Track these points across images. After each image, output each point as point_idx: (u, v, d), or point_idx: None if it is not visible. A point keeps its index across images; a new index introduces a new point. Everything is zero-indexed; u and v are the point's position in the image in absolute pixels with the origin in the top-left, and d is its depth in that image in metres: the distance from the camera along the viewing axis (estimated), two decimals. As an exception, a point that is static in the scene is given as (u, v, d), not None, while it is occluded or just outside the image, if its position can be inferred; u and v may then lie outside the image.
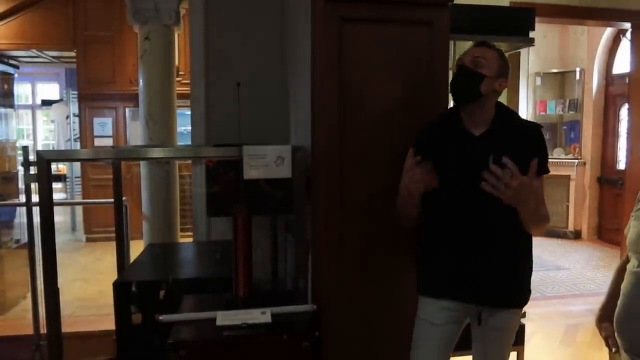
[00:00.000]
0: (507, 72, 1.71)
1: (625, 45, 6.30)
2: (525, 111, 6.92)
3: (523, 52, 2.87)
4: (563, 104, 7.08)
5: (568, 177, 6.91)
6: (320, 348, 1.79)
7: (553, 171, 8.12)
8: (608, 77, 6.77)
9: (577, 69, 6.88)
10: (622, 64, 6.42)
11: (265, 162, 2.04)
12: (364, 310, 1.94)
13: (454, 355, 1.79)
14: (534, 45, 2.46)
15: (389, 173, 1.85)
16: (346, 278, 1.96)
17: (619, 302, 1.49)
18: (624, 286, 1.48)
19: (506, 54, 3.00)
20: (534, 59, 6.90)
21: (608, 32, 6.50)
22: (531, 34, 2.59)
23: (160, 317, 1.79)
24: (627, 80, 6.01)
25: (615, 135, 6.66)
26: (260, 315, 1.75)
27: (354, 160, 1.92)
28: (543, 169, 1.64)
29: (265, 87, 2.78)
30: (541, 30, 6.83)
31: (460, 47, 2.52)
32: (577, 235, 6.89)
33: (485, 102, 1.67)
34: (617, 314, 1.49)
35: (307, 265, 2.22)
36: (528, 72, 3.20)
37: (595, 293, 4.59)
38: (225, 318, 1.73)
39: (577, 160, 6.85)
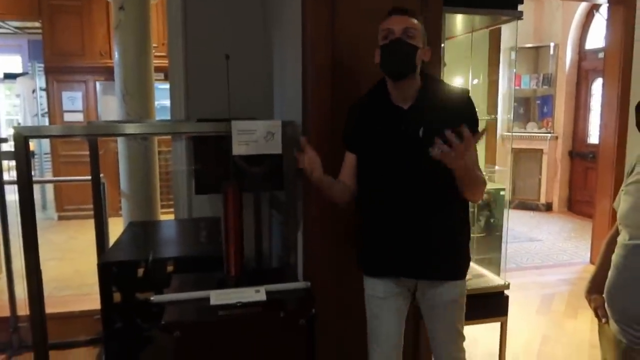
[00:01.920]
0: (427, 40, 1.65)
1: (598, 20, 6.39)
2: (501, 86, 6.98)
3: (505, 27, 2.86)
4: (537, 78, 7.17)
5: (541, 151, 7.05)
6: (314, 325, 1.79)
7: (526, 145, 8.11)
8: (581, 52, 6.87)
9: (551, 44, 6.95)
10: (595, 39, 6.52)
11: (255, 138, 1.99)
12: (355, 285, 1.94)
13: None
14: (522, 18, 2.44)
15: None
16: (337, 254, 1.95)
17: (609, 274, 1.52)
18: (614, 259, 1.51)
19: (489, 29, 3.01)
20: (510, 33, 6.93)
21: (582, 7, 6.56)
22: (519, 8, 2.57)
23: (152, 298, 1.75)
24: (599, 56, 6.11)
25: (587, 109, 6.80)
26: (254, 294, 1.73)
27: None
28: (474, 134, 1.57)
29: (247, 60, 2.70)
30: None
31: (449, 20, 2.49)
32: (548, 208, 7.07)
33: (416, 75, 1.62)
34: (607, 286, 1.52)
35: (296, 242, 2.21)
36: (516, 46, 3.18)
37: (568, 263, 4.74)
38: (219, 297, 1.71)
39: (549, 135, 6.98)
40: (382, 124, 1.64)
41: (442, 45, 2.13)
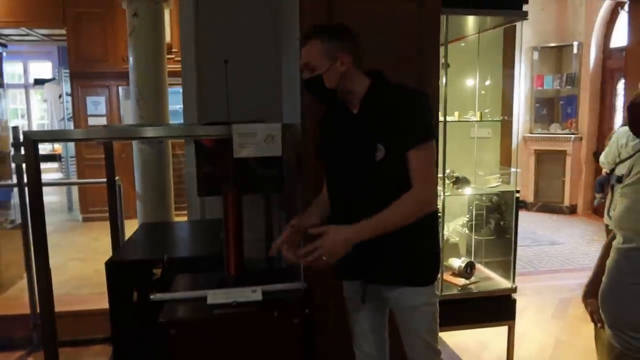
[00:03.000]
0: (344, 45, 1.58)
1: (623, 18, 6.22)
2: (522, 86, 6.87)
3: (518, 25, 2.82)
4: (560, 78, 7.02)
5: (564, 153, 6.90)
6: (310, 325, 1.81)
7: (549, 146, 7.96)
8: (605, 50, 6.70)
9: (575, 43, 6.80)
10: (620, 37, 6.35)
11: (256, 141, 2.02)
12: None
13: (441, 332, 1.80)
14: (527, 19, 2.41)
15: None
16: (337, 256, 1.96)
17: (603, 278, 1.49)
18: (608, 262, 1.49)
19: (501, 27, 2.98)
20: (532, 33, 6.82)
21: (606, 4, 6.41)
22: (527, 7, 2.55)
23: (152, 296, 1.79)
24: (624, 54, 5.95)
25: (612, 109, 6.63)
26: (250, 294, 1.75)
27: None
28: (416, 137, 1.53)
29: (258, 65, 2.74)
30: (539, 3, 6.73)
31: (452, 21, 2.48)
32: (572, 210, 6.92)
33: (344, 86, 1.61)
34: (601, 290, 1.50)
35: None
36: (521, 46, 3.12)
37: (588, 267, 4.55)
38: (215, 297, 1.74)
39: (573, 136, 6.83)
40: (338, 129, 1.68)
41: (442, 46, 2.12)
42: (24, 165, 3.16)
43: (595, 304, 1.55)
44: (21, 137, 2.71)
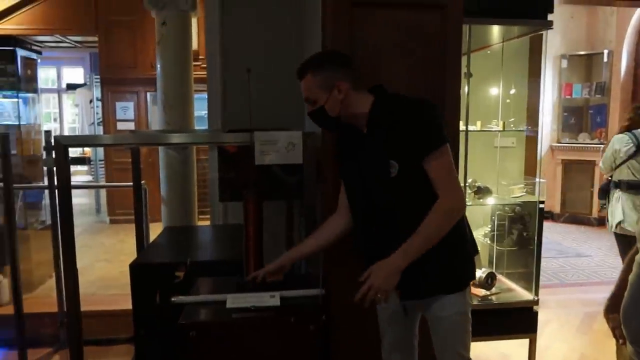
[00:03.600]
0: (336, 73, 1.60)
1: (656, 26, 6.08)
2: (550, 95, 6.77)
3: (545, 34, 2.79)
4: (589, 87, 6.89)
5: (593, 163, 6.75)
6: (327, 332, 1.82)
7: (577, 156, 7.79)
8: (637, 59, 6.55)
9: (605, 51, 6.67)
10: (653, 45, 6.20)
11: (277, 148, 2.06)
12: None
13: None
14: (552, 28, 2.39)
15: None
16: (356, 262, 1.97)
17: (625, 293, 1.47)
18: (631, 277, 1.46)
19: (527, 37, 2.95)
20: (560, 41, 6.71)
21: (638, 12, 6.27)
22: (556, 15, 2.52)
23: (173, 299, 1.84)
24: (657, 63, 5.81)
25: (644, 119, 6.45)
26: (269, 299, 1.78)
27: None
28: (427, 146, 1.52)
29: (280, 72, 2.78)
30: (568, 11, 6.63)
31: (477, 31, 2.47)
32: (600, 222, 6.74)
33: (347, 111, 1.62)
34: (623, 305, 1.47)
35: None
36: (545, 56, 3.08)
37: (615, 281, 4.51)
38: (235, 301, 1.77)
39: (602, 145, 6.67)
40: (351, 149, 1.70)
41: (464, 56, 2.12)
42: (54, 168, 3.28)
43: (617, 319, 1.52)
44: (52, 141, 2.81)
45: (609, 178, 3.68)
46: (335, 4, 1.89)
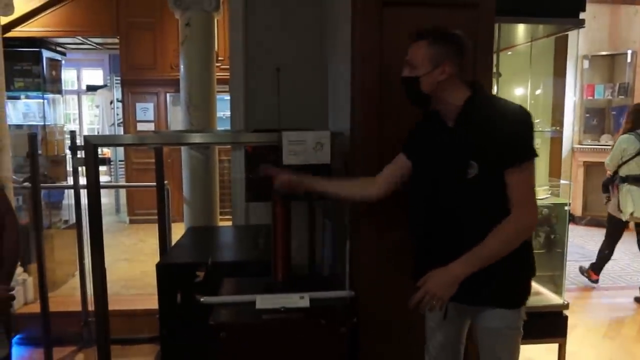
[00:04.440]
0: (450, 53, 1.54)
1: (682, 25, 5.96)
2: (571, 96, 6.66)
3: (571, 34, 2.75)
4: (612, 88, 6.77)
5: (615, 165, 6.63)
6: (357, 334, 1.81)
7: (599, 158, 7.71)
8: (662, 59, 6.43)
9: (629, 51, 6.55)
10: (679, 45, 6.08)
11: (304, 148, 2.04)
12: (402, 297, 1.93)
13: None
14: (584, 27, 2.34)
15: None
16: (385, 264, 1.96)
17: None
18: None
19: (553, 37, 2.90)
20: (582, 41, 6.60)
21: (664, 11, 6.15)
22: (581, 15, 2.48)
23: (202, 299, 1.83)
24: (683, 63, 5.69)
25: (669, 121, 6.32)
26: (298, 300, 1.77)
27: (394, 145, 1.90)
28: (517, 156, 1.48)
29: (304, 73, 2.78)
30: (591, 11, 6.51)
31: (505, 30, 2.43)
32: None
33: (441, 95, 1.56)
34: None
35: (345, 251, 2.23)
36: (577, 55, 3.03)
37: (642, 285, 4.42)
38: (264, 302, 1.76)
39: (625, 147, 6.55)
40: (431, 138, 1.64)
41: (494, 55, 2.09)
42: (79, 168, 3.30)
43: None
44: (79, 141, 2.83)
45: (611, 174, 4.21)
46: (366, 4, 1.87)
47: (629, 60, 6.57)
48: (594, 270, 4.42)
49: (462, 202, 1.53)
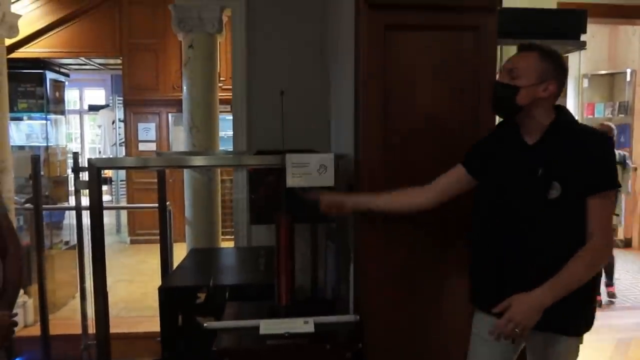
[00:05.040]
0: (556, 73, 1.54)
1: (680, 45, 6.01)
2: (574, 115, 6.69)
3: (572, 55, 2.76)
4: (612, 106, 6.80)
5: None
6: (362, 359, 1.78)
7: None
8: (661, 78, 6.47)
9: (628, 70, 6.60)
10: (677, 64, 6.13)
11: (308, 171, 2.03)
12: (408, 321, 1.91)
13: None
14: (585, 48, 2.36)
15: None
16: (389, 288, 1.94)
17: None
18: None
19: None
20: (582, 60, 6.66)
21: (661, 31, 6.21)
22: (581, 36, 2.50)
23: (205, 324, 1.81)
24: (682, 82, 5.72)
25: (669, 139, 6.35)
26: (303, 325, 1.75)
27: (398, 168, 1.90)
28: (602, 184, 1.48)
29: (306, 95, 2.79)
30: (590, 31, 6.56)
31: (507, 52, 2.45)
32: (627, 244, 6.60)
33: (533, 111, 1.54)
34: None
35: (348, 274, 2.21)
36: (579, 74, 3.06)
37: (647, 306, 4.38)
38: (268, 327, 1.74)
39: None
40: (505, 155, 1.60)
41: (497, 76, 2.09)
42: (81, 190, 3.30)
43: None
44: (82, 163, 2.82)
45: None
46: (369, 28, 1.88)
47: (628, 79, 6.62)
48: (609, 283, 4.40)
49: (540, 223, 1.50)
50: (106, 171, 7.52)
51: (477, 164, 1.67)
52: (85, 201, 3.00)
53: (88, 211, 2.10)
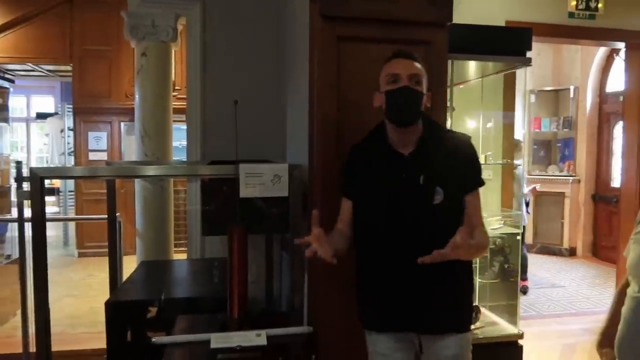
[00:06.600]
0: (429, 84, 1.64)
1: (618, 64, 6.37)
2: (519, 128, 6.95)
3: (519, 71, 2.88)
4: (557, 121, 7.13)
5: (562, 194, 6.92)
6: (316, 371, 1.76)
7: (547, 188, 8.00)
8: (602, 95, 6.83)
9: (571, 87, 6.94)
10: (616, 82, 6.49)
11: (262, 181, 2.01)
12: (362, 332, 1.91)
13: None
14: (531, 65, 2.46)
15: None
16: (343, 297, 1.93)
17: (619, 327, 1.46)
18: (624, 311, 1.46)
19: (502, 73, 3.04)
20: (529, 77, 6.95)
21: (601, 51, 6.57)
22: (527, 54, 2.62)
23: (154, 339, 1.75)
24: (620, 99, 6.06)
25: (609, 153, 6.70)
26: (255, 338, 1.71)
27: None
28: (476, 182, 1.62)
29: (261, 104, 2.78)
30: (535, 48, 6.88)
31: (457, 66, 2.53)
32: (572, 253, 6.88)
33: (419, 121, 1.60)
34: (617, 339, 1.47)
35: (303, 285, 2.19)
36: (525, 91, 3.19)
37: (591, 312, 4.56)
38: (219, 340, 1.70)
39: (571, 178, 6.87)
40: (381, 170, 1.62)
41: (448, 90, 2.15)
42: (25, 201, 3.14)
43: (611, 354, 1.51)
44: (25, 172, 2.70)
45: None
46: (323, 38, 1.90)
47: (571, 95, 6.95)
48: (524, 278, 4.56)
49: (427, 228, 1.55)
50: (54, 181, 7.22)
51: (354, 190, 1.69)
52: (28, 213, 2.86)
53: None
